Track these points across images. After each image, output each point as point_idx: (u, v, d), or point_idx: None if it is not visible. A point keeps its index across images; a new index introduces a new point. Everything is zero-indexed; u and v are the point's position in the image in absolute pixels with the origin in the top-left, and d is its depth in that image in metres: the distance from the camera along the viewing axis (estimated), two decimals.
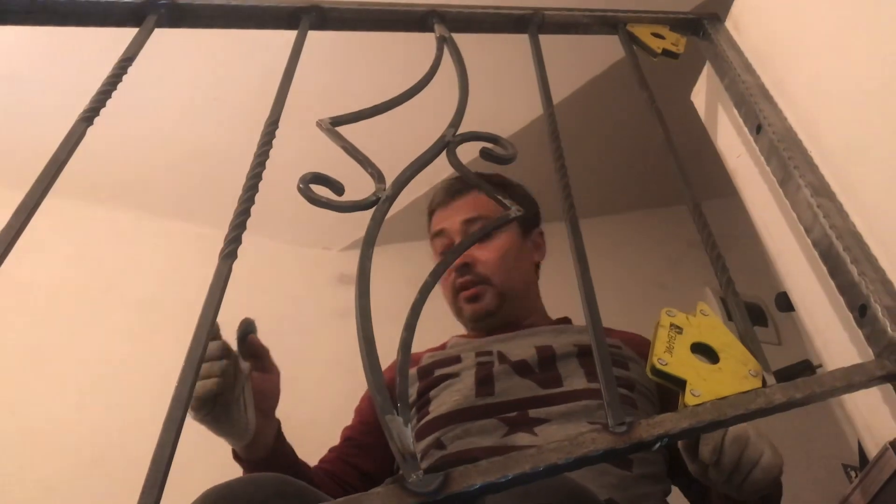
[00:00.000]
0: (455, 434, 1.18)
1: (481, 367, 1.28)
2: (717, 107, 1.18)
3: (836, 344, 0.83)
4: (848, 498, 0.68)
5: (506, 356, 1.29)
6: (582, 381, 1.22)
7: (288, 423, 1.89)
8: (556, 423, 1.15)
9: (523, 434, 1.14)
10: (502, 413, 1.18)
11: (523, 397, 1.20)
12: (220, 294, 0.59)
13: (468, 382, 1.26)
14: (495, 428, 1.16)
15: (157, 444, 0.48)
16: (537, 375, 1.24)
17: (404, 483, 0.50)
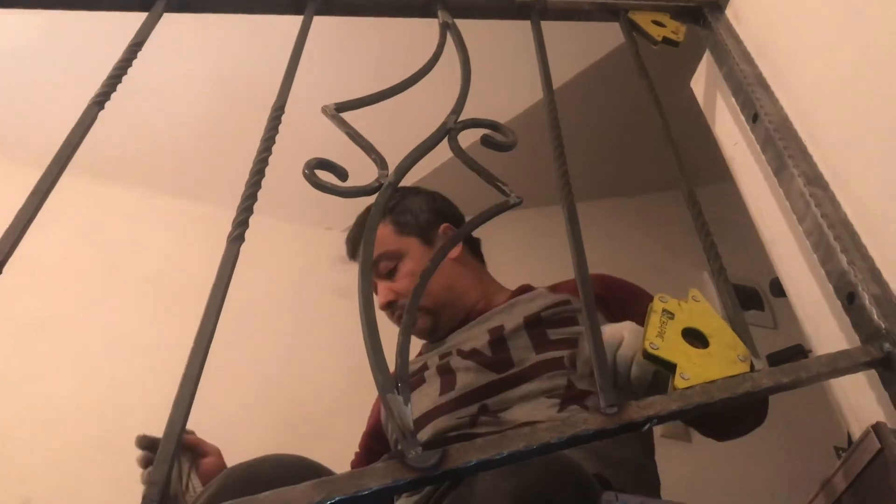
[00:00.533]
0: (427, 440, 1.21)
1: (442, 367, 1.34)
2: (715, 95, 1.20)
3: (825, 330, 0.85)
4: (831, 479, 0.71)
5: (462, 349, 1.36)
6: (531, 355, 1.26)
7: (288, 400, 1.93)
8: (515, 408, 1.20)
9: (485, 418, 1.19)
10: (464, 406, 1.23)
11: (480, 385, 1.25)
12: (228, 277, 0.61)
13: (434, 385, 1.32)
14: (460, 424, 1.21)
15: (168, 420, 0.51)
16: (490, 359, 1.29)
17: (404, 458, 0.52)
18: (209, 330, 0.57)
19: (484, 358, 1.30)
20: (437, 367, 1.35)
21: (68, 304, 1.94)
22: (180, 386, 0.52)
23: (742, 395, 0.64)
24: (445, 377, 1.31)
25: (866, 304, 0.75)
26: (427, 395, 1.30)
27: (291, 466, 0.97)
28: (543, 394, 1.20)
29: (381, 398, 0.56)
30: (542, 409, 1.17)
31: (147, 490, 0.47)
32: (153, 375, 1.86)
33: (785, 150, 0.94)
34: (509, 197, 0.80)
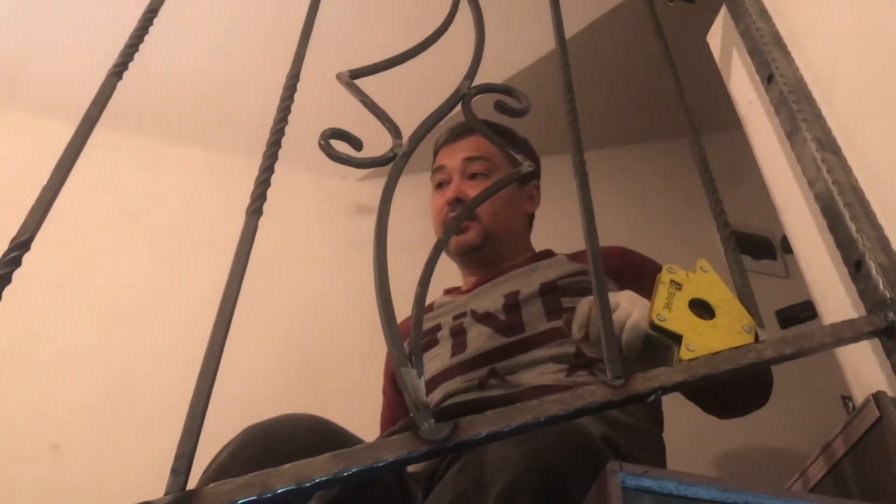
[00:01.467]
0: (437, 401, 1.26)
1: (455, 329, 1.37)
2: (731, 52, 1.19)
3: (831, 296, 0.86)
4: (830, 444, 0.73)
5: (476, 311, 1.39)
6: (543, 322, 1.29)
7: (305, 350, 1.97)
8: (523, 372, 1.23)
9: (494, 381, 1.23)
10: (475, 369, 1.26)
11: (491, 349, 1.28)
12: (247, 250, 0.63)
13: (445, 346, 1.35)
14: (469, 387, 1.24)
15: (193, 394, 0.53)
16: (503, 323, 1.32)
17: (417, 431, 0.55)
18: (231, 301, 0.59)
19: (497, 322, 1.33)
20: (450, 329, 1.38)
21: (89, 254, 1.97)
22: (204, 360, 0.54)
23: (746, 367, 0.66)
24: (457, 339, 1.34)
25: (873, 273, 0.76)
26: (438, 357, 1.34)
27: (307, 426, 1.00)
28: (552, 359, 1.23)
29: (396, 372, 0.58)
30: (549, 373, 1.20)
31: (175, 463, 0.50)
32: (174, 322, 1.90)
33: (798, 113, 0.93)
34: (522, 165, 0.81)
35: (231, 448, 0.96)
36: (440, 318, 1.44)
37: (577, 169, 0.79)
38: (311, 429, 1.00)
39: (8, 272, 0.56)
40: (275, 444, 0.95)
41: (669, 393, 0.63)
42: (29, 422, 1.69)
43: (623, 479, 0.57)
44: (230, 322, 0.58)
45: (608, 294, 0.97)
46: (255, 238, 1.54)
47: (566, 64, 0.95)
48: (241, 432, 0.99)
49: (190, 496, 0.49)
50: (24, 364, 1.75)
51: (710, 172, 0.87)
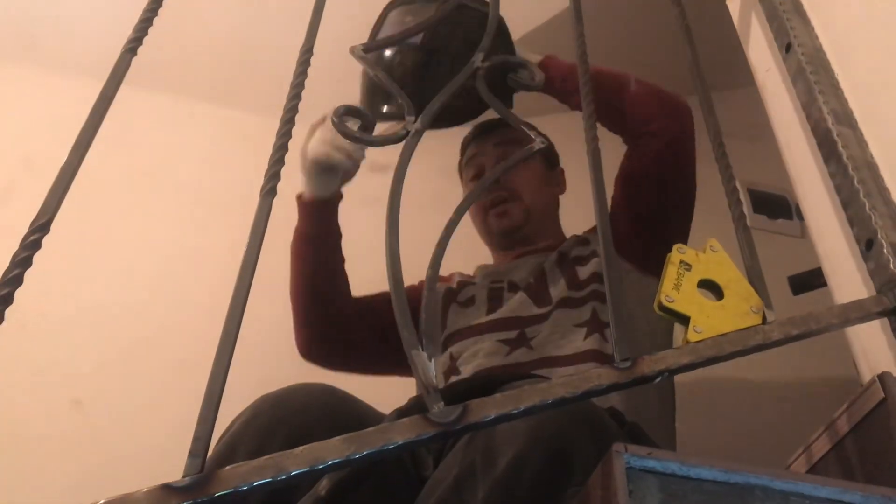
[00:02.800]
0: (465, 357, 1.31)
1: (492, 291, 1.43)
2: (750, 17, 1.17)
3: (842, 272, 0.86)
4: (834, 422, 0.74)
5: (513, 280, 1.44)
6: (563, 289, 1.35)
7: None
8: (547, 331, 1.30)
9: (523, 349, 1.29)
10: (505, 330, 1.32)
11: (522, 315, 1.34)
12: (262, 232, 0.64)
13: (480, 305, 1.41)
14: (498, 349, 1.29)
15: (210, 376, 0.55)
16: (534, 293, 1.37)
17: (427, 413, 0.56)
18: (244, 288, 0.61)
19: (528, 288, 1.39)
20: (487, 292, 1.43)
21: (106, 212, 1.99)
22: (220, 342, 0.56)
23: (752, 348, 0.67)
24: (493, 301, 1.40)
25: (884, 252, 0.76)
26: (471, 314, 1.40)
27: (320, 396, 1.03)
28: (570, 321, 1.29)
29: (407, 354, 0.59)
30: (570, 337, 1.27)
31: (193, 445, 0.52)
32: (193, 280, 1.92)
33: (816, 84, 0.92)
34: (535, 140, 0.81)
35: (245, 417, 0.99)
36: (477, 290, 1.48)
37: (589, 146, 0.79)
38: (324, 399, 1.02)
39: (28, 255, 0.57)
40: (288, 413, 0.98)
41: (676, 374, 0.64)
42: (51, 377, 1.73)
43: (628, 460, 0.58)
44: (245, 306, 0.59)
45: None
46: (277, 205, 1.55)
47: (581, 35, 0.94)
48: (256, 401, 1.01)
49: (208, 478, 0.51)
50: (46, 320, 1.79)
51: (723, 147, 0.86)
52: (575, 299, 1.32)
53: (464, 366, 1.30)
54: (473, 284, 1.48)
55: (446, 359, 1.35)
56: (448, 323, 1.41)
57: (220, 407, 0.59)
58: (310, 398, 1.02)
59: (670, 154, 1.38)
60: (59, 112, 1.17)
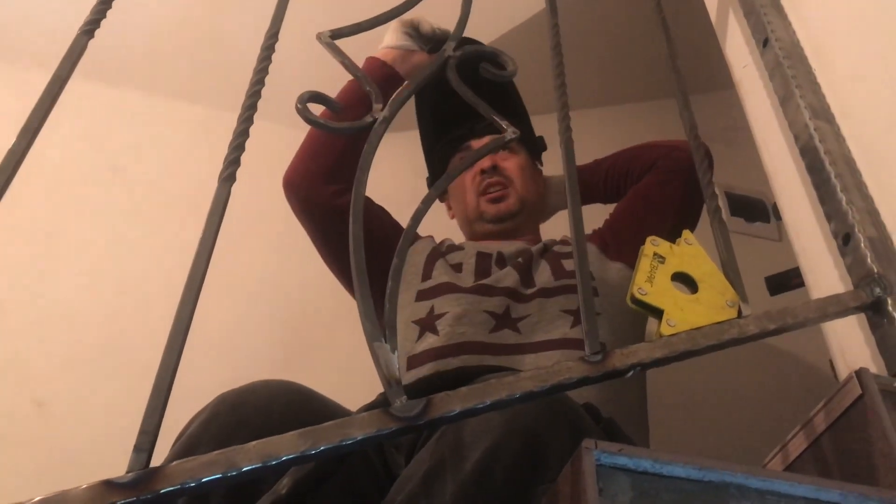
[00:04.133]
0: (448, 319, 1.27)
1: (480, 259, 1.41)
2: (727, 13, 1.15)
3: (819, 268, 0.85)
4: (811, 419, 0.72)
5: (501, 254, 1.43)
6: (550, 279, 1.34)
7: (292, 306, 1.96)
8: (534, 317, 1.28)
9: (508, 331, 1.26)
10: (491, 296, 1.30)
11: (510, 287, 1.32)
12: (218, 220, 0.61)
13: (468, 266, 1.39)
14: (484, 321, 1.26)
15: (160, 366, 0.52)
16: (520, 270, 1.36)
17: (388, 408, 0.54)
18: (199, 274, 0.58)
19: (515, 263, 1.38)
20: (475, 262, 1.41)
21: (72, 208, 1.95)
22: (171, 333, 0.53)
23: (728, 342, 0.65)
24: (482, 266, 1.39)
25: (861, 247, 0.74)
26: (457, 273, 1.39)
27: (283, 394, 0.98)
28: (558, 306, 1.28)
29: (369, 346, 0.57)
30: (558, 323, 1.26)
31: (138, 439, 0.49)
32: (158, 279, 1.88)
33: (793, 78, 0.91)
34: (506, 131, 0.79)
35: (203, 417, 0.95)
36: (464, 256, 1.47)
37: (562, 136, 0.77)
38: (287, 397, 0.98)
39: None
40: (249, 413, 0.94)
41: (648, 369, 0.62)
42: (13, 377, 1.68)
43: (598, 457, 0.56)
44: (198, 295, 0.56)
45: None
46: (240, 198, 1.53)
47: (556, 25, 0.92)
48: (214, 400, 0.97)
49: (152, 474, 0.48)
50: (8, 319, 1.74)
51: (698, 139, 0.85)
52: (560, 287, 1.31)
53: (444, 327, 1.26)
54: (462, 250, 1.47)
55: (424, 308, 1.32)
56: (434, 274, 1.39)
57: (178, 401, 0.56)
58: (272, 396, 0.97)
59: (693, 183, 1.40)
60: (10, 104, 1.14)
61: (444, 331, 1.25)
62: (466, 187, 1.55)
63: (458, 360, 1.19)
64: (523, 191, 1.54)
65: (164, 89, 2.15)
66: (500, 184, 1.52)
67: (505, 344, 1.23)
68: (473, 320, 1.26)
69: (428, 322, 1.28)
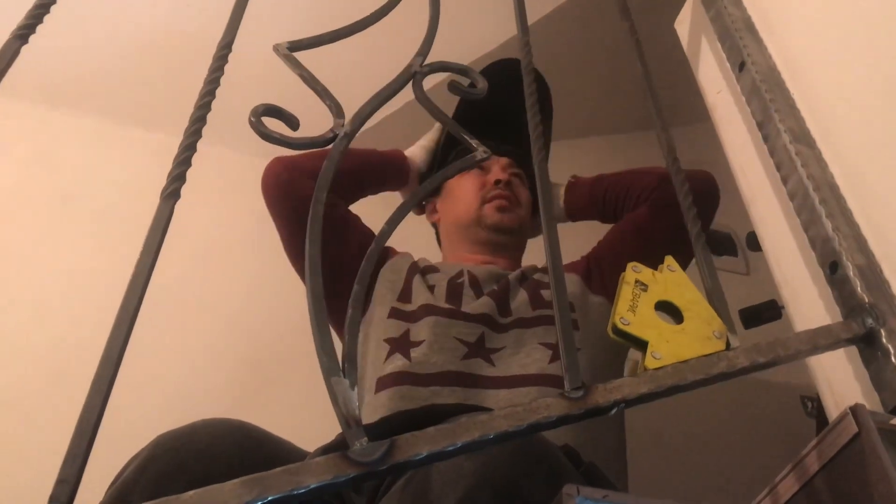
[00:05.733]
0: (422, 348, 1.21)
1: (452, 286, 1.37)
2: (700, 39, 1.13)
3: (804, 298, 0.81)
4: (803, 459, 0.68)
5: (475, 278, 1.38)
6: (529, 309, 1.30)
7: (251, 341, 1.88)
8: (510, 349, 1.22)
9: (481, 360, 1.20)
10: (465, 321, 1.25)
11: (483, 313, 1.27)
12: (159, 238, 0.55)
13: (439, 290, 1.34)
14: (455, 348, 1.21)
15: (84, 406, 0.45)
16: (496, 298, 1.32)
17: (346, 452, 0.48)
18: (135, 298, 0.51)
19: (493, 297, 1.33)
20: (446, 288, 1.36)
21: (21, 235, 1.86)
22: (95, 377, 0.46)
23: (717, 377, 0.60)
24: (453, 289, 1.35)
25: (850, 275, 0.71)
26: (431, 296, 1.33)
27: (228, 434, 0.90)
28: (537, 339, 1.23)
29: (325, 381, 0.51)
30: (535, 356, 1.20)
31: (55, 489, 0.42)
32: (110, 311, 1.79)
33: (771, 102, 0.88)
34: (476, 151, 0.74)
35: (138, 462, 0.86)
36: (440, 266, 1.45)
37: (536, 158, 0.73)
38: (233, 438, 0.90)
39: None
40: (189, 456, 0.85)
41: (633, 406, 0.57)
42: None
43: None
44: (133, 323, 0.50)
45: None
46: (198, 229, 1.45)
47: (527, 44, 0.88)
48: (151, 442, 0.89)
49: None
50: None
51: (678, 163, 0.81)
52: (538, 318, 1.27)
53: (417, 354, 1.20)
54: (437, 272, 1.42)
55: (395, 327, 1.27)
56: (414, 296, 1.34)
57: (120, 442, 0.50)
58: (215, 438, 0.88)
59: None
60: None
61: (417, 358, 1.20)
62: (469, 192, 1.53)
63: (427, 391, 1.13)
64: (524, 218, 1.54)
65: (118, 115, 2.07)
66: (509, 199, 1.51)
67: (478, 375, 1.17)
68: (444, 346, 1.21)
69: (401, 344, 1.23)
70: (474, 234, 1.51)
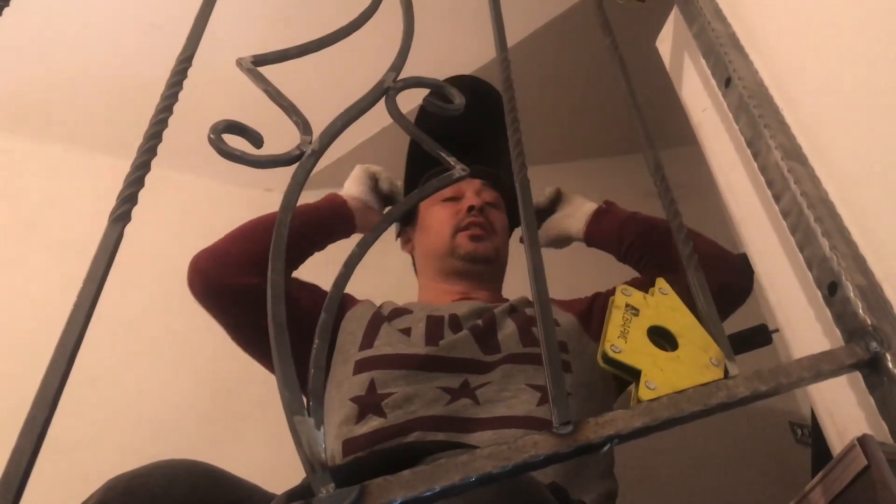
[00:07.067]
0: (396, 399, 1.12)
1: (431, 324, 1.27)
2: (683, 56, 1.10)
3: (800, 321, 0.77)
4: (807, 495, 0.63)
5: (455, 315, 1.29)
6: (518, 346, 1.22)
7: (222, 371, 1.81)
8: (495, 385, 1.14)
9: (465, 400, 1.12)
10: (446, 371, 1.16)
11: (466, 357, 1.19)
12: (106, 262, 0.50)
13: (417, 331, 1.25)
14: (438, 397, 1.12)
15: (13, 452, 0.40)
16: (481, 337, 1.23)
17: (311, 500, 0.43)
18: (77, 328, 0.46)
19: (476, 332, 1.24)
20: (425, 327, 1.27)
21: None
22: (27, 418, 0.41)
23: (716, 407, 0.55)
24: (432, 330, 1.25)
25: (850, 296, 0.67)
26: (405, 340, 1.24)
27: (186, 477, 0.83)
28: (524, 378, 1.15)
29: (288, 421, 0.46)
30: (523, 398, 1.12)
31: None
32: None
33: (760, 118, 0.85)
34: (454, 168, 0.70)
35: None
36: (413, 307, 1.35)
37: (517, 175, 0.69)
38: (191, 480, 0.83)
39: None
40: (144, 500, 0.79)
41: (627, 441, 0.52)
42: None
43: None
44: (75, 353, 0.45)
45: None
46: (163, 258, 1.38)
47: (505, 60, 0.84)
48: (103, 486, 0.82)
49: None
50: None
51: (666, 181, 0.77)
52: (528, 355, 1.19)
53: (392, 409, 1.12)
54: (410, 313, 1.32)
55: (363, 383, 1.16)
56: (377, 343, 1.23)
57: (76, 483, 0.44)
58: (172, 481, 0.82)
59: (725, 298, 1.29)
60: None
61: (392, 413, 1.11)
62: (443, 220, 1.45)
63: (408, 437, 1.06)
64: (500, 245, 1.47)
65: (86, 143, 2.02)
66: (483, 227, 1.44)
67: (460, 418, 1.09)
68: (425, 398, 1.12)
69: (370, 401, 1.14)
70: (449, 265, 1.44)
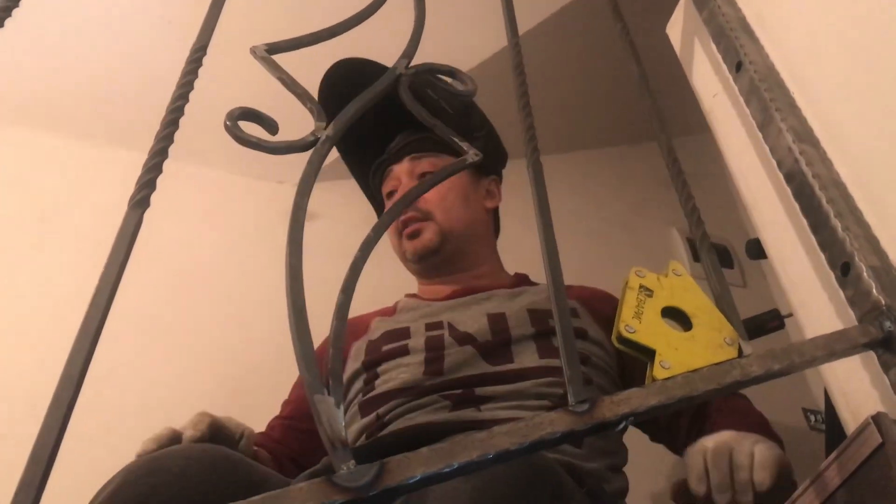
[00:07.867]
0: (397, 412, 1.11)
1: (430, 341, 1.20)
2: (693, 41, 1.10)
3: (814, 303, 0.77)
4: (822, 473, 0.63)
5: (455, 327, 1.22)
6: (534, 358, 1.15)
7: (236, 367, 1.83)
8: (501, 401, 1.09)
9: (467, 410, 1.08)
10: (448, 390, 1.11)
11: (472, 374, 1.13)
12: (127, 248, 0.51)
13: (417, 358, 1.18)
14: (439, 406, 1.10)
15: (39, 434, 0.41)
16: (487, 349, 1.16)
17: (332, 476, 0.43)
18: (98, 314, 0.47)
19: (481, 345, 1.18)
20: (424, 340, 1.21)
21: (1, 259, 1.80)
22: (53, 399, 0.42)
23: (730, 385, 0.56)
24: (433, 354, 1.18)
25: (864, 277, 0.67)
26: (407, 369, 1.17)
27: (202, 458, 0.84)
28: (536, 396, 1.09)
29: (309, 399, 0.46)
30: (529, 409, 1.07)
31: None
32: None
33: (772, 102, 0.85)
34: (467, 154, 0.71)
35: (111, 488, 0.81)
36: (409, 322, 1.27)
37: (529, 159, 0.69)
38: (209, 461, 0.85)
39: None
40: (163, 481, 0.80)
41: (642, 419, 0.53)
42: None
43: None
44: (97, 337, 0.45)
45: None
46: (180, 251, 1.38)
47: (517, 45, 0.85)
48: (124, 467, 0.84)
49: None
50: None
51: (678, 164, 0.77)
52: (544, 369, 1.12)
53: (393, 421, 1.11)
54: (404, 328, 1.26)
55: (371, 419, 1.14)
56: (377, 383, 1.17)
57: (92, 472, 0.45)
58: (189, 462, 0.83)
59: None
60: None
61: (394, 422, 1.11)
62: (392, 227, 1.37)
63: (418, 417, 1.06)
64: (445, 220, 1.33)
65: (99, 135, 2.03)
66: (413, 217, 1.33)
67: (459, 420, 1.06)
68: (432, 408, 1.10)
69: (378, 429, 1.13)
70: (414, 269, 1.39)
